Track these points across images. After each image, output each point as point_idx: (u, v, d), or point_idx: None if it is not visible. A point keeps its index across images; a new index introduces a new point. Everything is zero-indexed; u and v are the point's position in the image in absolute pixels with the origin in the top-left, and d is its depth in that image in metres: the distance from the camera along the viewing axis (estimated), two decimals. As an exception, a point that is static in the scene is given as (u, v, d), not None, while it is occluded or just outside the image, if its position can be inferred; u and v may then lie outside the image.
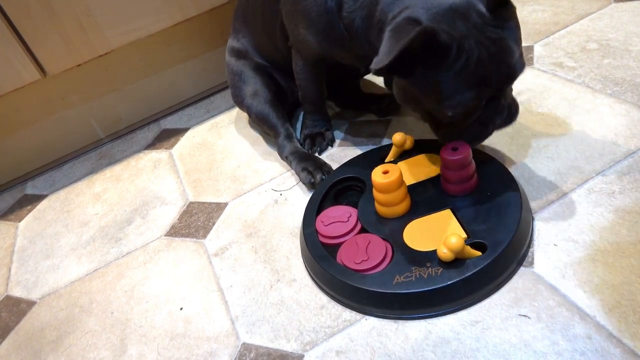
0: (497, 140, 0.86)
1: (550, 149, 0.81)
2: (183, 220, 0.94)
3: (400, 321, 0.64)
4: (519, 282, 0.64)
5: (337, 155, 0.97)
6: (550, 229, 0.69)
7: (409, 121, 0.99)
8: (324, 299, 0.70)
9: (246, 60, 1.05)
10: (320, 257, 0.71)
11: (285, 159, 0.97)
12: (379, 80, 1.13)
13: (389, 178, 0.70)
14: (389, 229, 0.71)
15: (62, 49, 1.09)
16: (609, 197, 0.71)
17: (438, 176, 0.76)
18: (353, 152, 0.96)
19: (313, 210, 0.79)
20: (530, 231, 0.69)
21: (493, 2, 0.63)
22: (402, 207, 0.72)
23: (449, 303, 0.63)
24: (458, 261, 0.63)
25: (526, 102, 0.93)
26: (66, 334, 0.79)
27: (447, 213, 0.71)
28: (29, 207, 1.13)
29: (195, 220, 0.92)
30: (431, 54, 0.62)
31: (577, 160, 0.78)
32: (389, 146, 0.85)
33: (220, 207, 0.94)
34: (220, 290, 0.77)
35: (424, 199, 0.74)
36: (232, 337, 0.69)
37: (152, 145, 1.22)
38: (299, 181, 0.93)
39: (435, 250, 0.65)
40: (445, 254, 0.62)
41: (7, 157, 1.22)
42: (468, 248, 0.63)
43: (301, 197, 0.89)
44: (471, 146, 0.72)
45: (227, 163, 1.05)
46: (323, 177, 0.87)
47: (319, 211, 0.79)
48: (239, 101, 1.06)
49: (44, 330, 0.81)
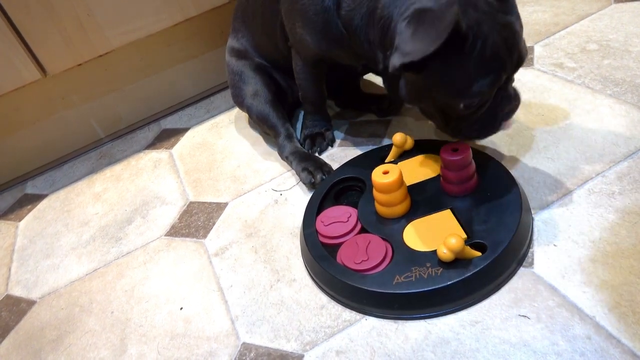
0: (497, 141, 0.86)
1: (550, 150, 0.81)
2: (183, 220, 0.94)
3: (400, 321, 0.64)
4: (518, 283, 0.64)
5: (338, 156, 0.97)
6: (550, 230, 0.69)
7: (409, 121, 0.99)
8: (324, 299, 0.70)
9: (246, 61, 1.05)
10: (320, 257, 0.71)
11: (285, 159, 0.97)
12: (379, 81, 1.14)
13: (389, 178, 0.70)
14: (389, 229, 0.72)
15: (63, 48, 1.09)
16: (609, 198, 0.71)
17: (438, 176, 0.76)
18: (353, 152, 0.96)
19: (313, 211, 0.79)
20: (530, 232, 0.69)
21: None
22: (402, 208, 0.73)
23: (449, 303, 0.63)
24: (458, 261, 0.63)
25: (526, 103, 0.93)
26: (66, 334, 0.79)
27: (447, 213, 0.71)
28: (29, 207, 1.13)
29: (196, 220, 0.92)
30: (449, 43, 0.60)
31: (577, 161, 0.78)
32: (389, 146, 0.85)
33: (220, 207, 0.94)
34: (220, 290, 0.77)
35: (424, 199, 0.74)
36: (232, 337, 0.69)
37: (152, 145, 1.22)
38: (299, 181, 0.93)
39: (435, 250, 0.65)
40: (445, 254, 0.62)
41: (8, 157, 1.22)
42: (468, 248, 0.63)
43: (301, 197, 0.89)
44: (482, 138, 0.71)
45: (227, 163, 1.05)
46: (323, 177, 0.87)
47: (319, 211, 0.79)
48: (239, 101, 1.06)
49: (44, 330, 0.81)
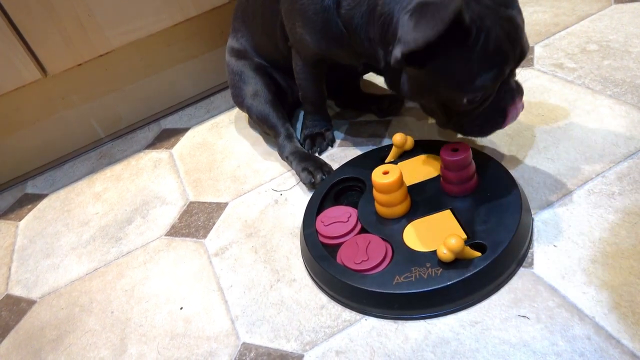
0: (497, 141, 0.86)
1: (550, 150, 0.81)
2: (183, 220, 0.94)
3: (400, 321, 0.64)
4: (518, 283, 0.64)
5: (338, 156, 0.97)
6: (550, 230, 0.69)
7: (409, 121, 0.99)
8: (323, 299, 0.71)
9: (246, 61, 1.05)
10: (320, 257, 0.71)
11: (285, 159, 0.97)
12: (379, 81, 1.14)
13: (389, 178, 0.70)
14: (389, 230, 0.72)
15: (63, 48, 1.09)
16: (609, 199, 0.71)
17: (438, 177, 0.76)
18: (353, 153, 0.96)
19: (313, 211, 0.79)
20: (530, 232, 0.69)
21: None
22: (402, 208, 0.73)
23: (449, 303, 0.63)
24: (458, 262, 0.63)
25: (526, 103, 0.93)
26: (66, 333, 0.79)
27: (447, 214, 0.71)
28: (29, 207, 1.14)
29: (196, 220, 0.93)
30: (452, 36, 0.60)
31: (577, 162, 0.78)
32: (389, 146, 0.85)
33: (220, 207, 0.94)
34: (220, 290, 0.77)
35: (424, 200, 0.74)
36: (232, 337, 0.69)
37: (153, 145, 1.22)
38: (299, 181, 0.93)
39: (435, 250, 0.65)
40: (445, 254, 0.62)
41: (8, 157, 1.22)
42: (468, 249, 0.63)
43: (301, 197, 0.89)
44: (484, 135, 0.71)
45: (228, 163, 1.06)
46: (323, 177, 0.87)
47: (319, 211, 0.79)
48: (239, 101, 1.06)
49: (44, 330, 0.81)
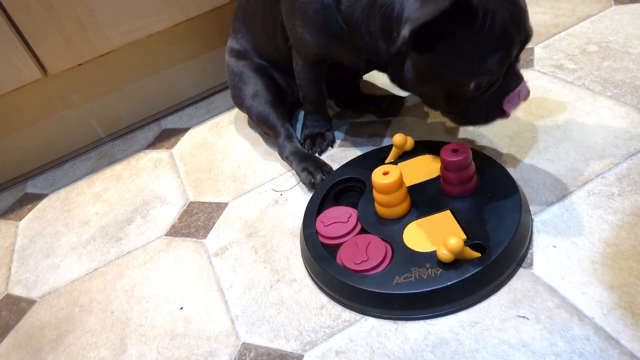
0: (497, 142, 0.86)
1: (550, 151, 0.82)
2: (183, 220, 0.94)
3: (399, 322, 0.64)
4: (518, 284, 0.64)
5: (338, 156, 0.97)
6: (549, 231, 0.69)
7: (409, 122, 0.99)
8: (323, 299, 0.71)
9: (246, 61, 1.05)
10: (320, 258, 0.71)
11: (285, 159, 0.97)
12: (379, 81, 1.14)
13: (389, 179, 0.70)
14: (389, 230, 0.72)
15: (63, 48, 1.09)
16: (609, 200, 0.71)
17: (438, 177, 0.76)
18: (353, 153, 0.96)
19: (313, 211, 0.79)
20: (529, 233, 0.69)
21: None
22: (402, 208, 0.73)
23: (449, 304, 0.63)
24: (457, 262, 0.64)
25: (526, 104, 0.93)
26: (66, 333, 0.79)
27: (447, 214, 0.71)
28: (29, 206, 1.14)
29: (196, 220, 0.93)
30: (459, 18, 0.60)
31: (577, 163, 0.78)
32: (389, 147, 0.86)
33: (220, 207, 0.94)
34: (220, 290, 0.77)
35: (424, 200, 0.74)
36: (232, 337, 0.70)
37: (153, 145, 1.22)
38: (299, 181, 0.93)
39: (434, 251, 0.65)
40: (444, 255, 0.62)
41: (8, 156, 1.22)
42: (467, 249, 0.64)
43: (301, 198, 0.89)
44: (489, 123, 0.72)
45: (228, 163, 1.06)
46: (323, 178, 0.87)
47: (319, 211, 0.79)
48: (239, 102, 1.06)
49: (44, 329, 0.81)
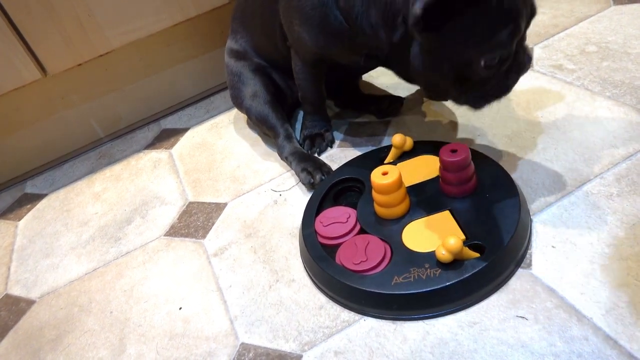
0: (496, 142, 0.86)
1: (548, 151, 0.82)
2: (182, 220, 0.94)
3: (398, 322, 0.65)
4: (517, 284, 0.64)
5: (337, 156, 0.97)
6: (548, 231, 0.69)
7: (408, 122, 0.99)
8: (322, 299, 0.71)
9: (245, 61, 1.05)
10: (319, 258, 0.71)
11: (285, 159, 0.97)
12: (378, 82, 1.14)
13: (388, 179, 0.70)
14: (388, 230, 0.72)
15: (63, 48, 1.09)
16: (607, 200, 0.71)
17: (437, 178, 0.76)
18: (352, 153, 0.96)
19: (312, 211, 0.79)
20: (528, 233, 0.69)
21: None
22: (401, 209, 0.73)
23: (447, 304, 0.63)
24: (456, 262, 0.64)
25: (525, 104, 0.93)
26: (65, 333, 0.79)
27: (446, 214, 0.71)
28: (28, 206, 1.14)
29: (195, 220, 0.93)
30: None
31: (576, 163, 0.78)
32: (389, 147, 0.86)
33: (219, 207, 0.94)
34: (219, 290, 0.77)
35: (423, 200, 0.74)
36: (231, 337, 0.70)
37: (152, 145, 1.22)
38: (298, 182, 0.93)
39: (433, 251, 0.65)
40: (443, 255, 0.62)
41: (7, 156, 1.22)
42: (466, 249, 0.64)
43: (300, 198, 0.89)
44: (499, 99, 0.72)
45: (227, 163, 1.06)
46: (322, 178, 0.87)
47: (318, 212, 0.79)
48: (239, 102, 1.06)
49: (43, 330, 0.81)
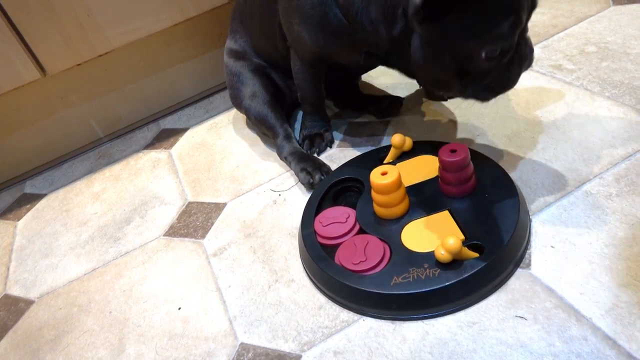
0: (496, 142, 0.86)
1: (548, 151, 0.82)
2: (182, 220, 0.94)
3: (397, 322, 0.64)
4: (516, 284, 0.64)
5: (336, 156, 0.97)
6: (547, 231, 0.69)
7: (408, 122, 0.99)
8: (322, 299, 0.71)
9: (245, 62, 1.05)
10: (319, 258, 0.71)
11: (284, 159, 0.97)
12: (378, 82, 1.14)
13: (388, 179, 0.70)
14: (387, 230, 0.72)
15: (62, 48, 1.09)
16: (607, 200, 0.71)
17: (436, 178, 0.76)
18: (352, 153, 0.96)
19: (312, 211, 0.79)
20: (527, 233, 0.69)
21: None
22: (401, 209, 0.73)
23: (447, 304, 0.63)
24: (456, 262, 0.64)
25: (524, 104, 0.93)
26: (64, 333, 0.79)
27: (445, 214, 0.71)
28: (27, 206, 1.14)
29: (194, 220, 0.93)
30: None
31: (575, 163, 0.78)
32: (388, 147, 0.86)
33: (219, 208, 0.94)
34: (218, 290, 0.77)
35: (422, 201, 0.74)
36: (230, 337, 0.70)
37: (152, 145, 1.22)
38: (297, 182, 0.93)
39: (433, 251, 0.65)
40: (442, 255, 0.62)
41: (7, 156, 1.22)
42: (465, 249, 0.64)
43: (300, 198, 0.89)
44: (506, 91, 0.72)
45: (226, 163, 1.06)
46: (322, 178, 0.87)
47: (317, 212, 0.79)
48: (238, 102, 1.06)
49: (42, 330, 0.81)
